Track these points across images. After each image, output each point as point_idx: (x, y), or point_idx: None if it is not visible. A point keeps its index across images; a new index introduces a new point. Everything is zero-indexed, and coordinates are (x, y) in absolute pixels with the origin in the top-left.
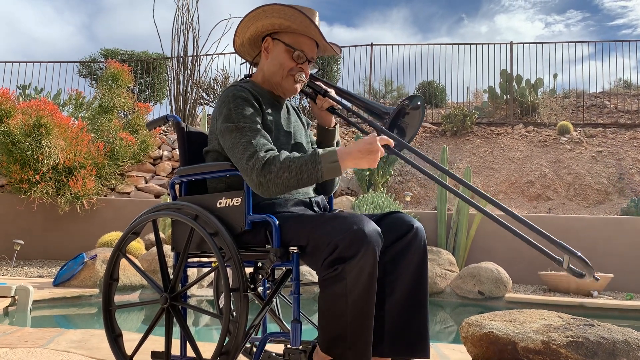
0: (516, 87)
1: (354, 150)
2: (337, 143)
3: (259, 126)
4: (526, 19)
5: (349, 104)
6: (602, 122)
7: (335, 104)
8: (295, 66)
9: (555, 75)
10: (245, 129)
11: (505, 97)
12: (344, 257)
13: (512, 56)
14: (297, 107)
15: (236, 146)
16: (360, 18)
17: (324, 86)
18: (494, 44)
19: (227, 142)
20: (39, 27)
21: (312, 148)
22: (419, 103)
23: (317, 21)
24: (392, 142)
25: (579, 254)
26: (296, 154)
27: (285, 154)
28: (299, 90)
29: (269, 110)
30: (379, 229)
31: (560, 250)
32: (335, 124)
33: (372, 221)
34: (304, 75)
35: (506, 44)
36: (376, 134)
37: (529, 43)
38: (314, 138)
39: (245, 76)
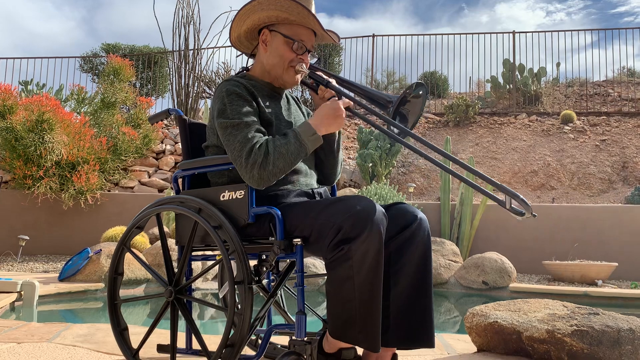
0: (519, 77)
1: (323, 118)
2: (339, 133)
3: (253, 120)
4: (527, 7)
5: (351, 94)
6: (606, 110)
7: (336, 94)
8: (295, 57)
9: (558, 64)
10: (241, 124)
11: (508, 86)
12: (349, 238)
13: (515, 45)
14: (297, 98)
15: (233, 143)
16: (360, 9)
17: (325, 76)
18: (496, 33)
19: (223, 139)
20: (39, 22)
21: (290, 129)
22: (420, 92)
23: (313, 10)
24: (352, 104)
25: (520, 195)
26: (280, 139)
27: (271, 142)
28: (299, 81)
29: (267, 103)
30: (383, 209)
31: (502, 192)
32: None
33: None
34: (304, 66)
35: (508, 33)
36: (336, 98)
37: (532, 32)
38: None
39: (242, 69)
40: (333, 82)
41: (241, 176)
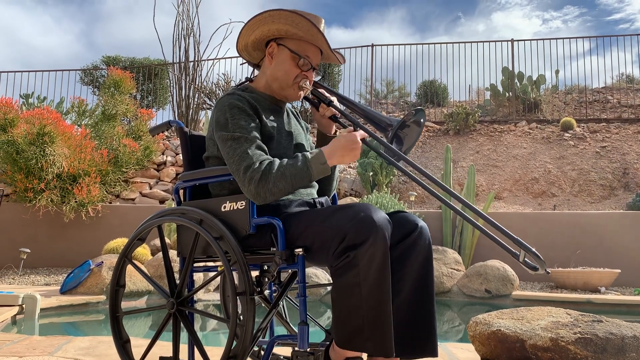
0: (518, 84)
1: (339, 149)
2: None
3: (254, 136)
4: (523, 15)
5: (349, 110)
6: (606, 117)
7: (337, 112)
8: (300, 73)
9: (557, 72)
10: (242, 139)
11: (507, 94)
12: (354, 245)
13: (514, 53)
14: (296, 112)
15: (232, 156)
16: (357, 19)
17: (327, 94)
18: (495, 41)
19: (223, 151)
20: (38, 36)
21: (301, 153)
22: (422, 120)
23: (322, 28)
24: (367, 136)
25: (533, 249)
26: (287, 161)
27: (277, 162)
28: (302, 97)
29: (269, 116)
30: (387, 215)
31: (517, 245)
32: (336, 131)
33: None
34: (308, 83)
35: (507, 41)
36: (352, 129)
37: (530, 40)
38: (313, 144)
39: (246, 79)
40: (335, 100)
41: (241, 188)
